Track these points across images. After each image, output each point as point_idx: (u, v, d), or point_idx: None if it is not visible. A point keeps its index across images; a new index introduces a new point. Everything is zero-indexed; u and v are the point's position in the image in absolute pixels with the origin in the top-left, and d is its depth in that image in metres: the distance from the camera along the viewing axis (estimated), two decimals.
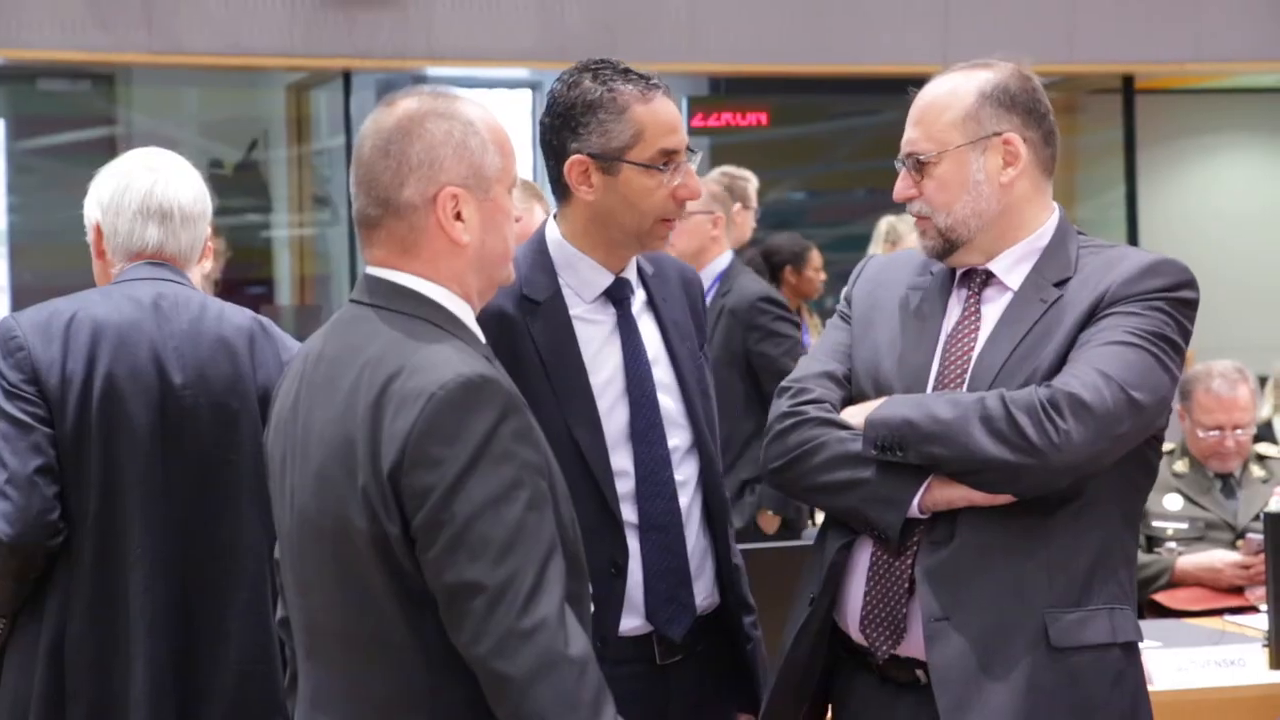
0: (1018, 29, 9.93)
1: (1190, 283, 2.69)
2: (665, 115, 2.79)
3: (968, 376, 2.67)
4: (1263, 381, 8.08)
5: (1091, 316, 2.64)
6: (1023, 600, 2.59)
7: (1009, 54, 2.77)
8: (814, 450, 2.68)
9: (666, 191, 2.79)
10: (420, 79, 11.01)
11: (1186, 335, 2.68)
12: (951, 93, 2.72)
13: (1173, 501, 5.11)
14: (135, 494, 3.01)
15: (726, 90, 10.70)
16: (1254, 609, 4.58)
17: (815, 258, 7.71)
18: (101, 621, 3.01)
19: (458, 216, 2.26)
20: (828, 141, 11.42)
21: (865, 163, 11.31)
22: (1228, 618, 4.49)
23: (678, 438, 2.87)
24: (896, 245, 7.81)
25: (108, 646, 3.01)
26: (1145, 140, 11.20)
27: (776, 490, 2.78)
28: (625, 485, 2.82)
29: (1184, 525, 5.05)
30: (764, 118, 10.48)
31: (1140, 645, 2.70)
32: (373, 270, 2.31)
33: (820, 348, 2.86)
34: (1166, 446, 5.32)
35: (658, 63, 10.50)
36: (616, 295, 2.88)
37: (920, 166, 2.72)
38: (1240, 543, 4.93)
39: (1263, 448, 5.36)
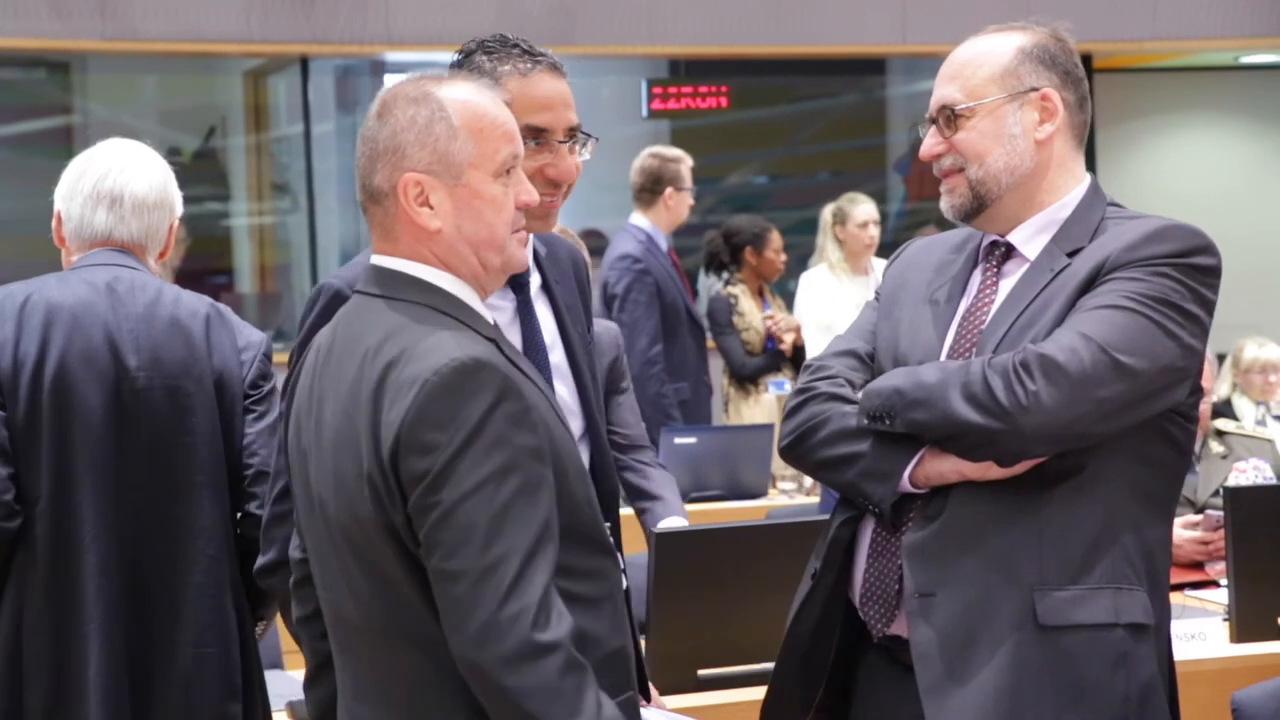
0: (976, 8, 9.90)
1: (1205, 248, 2.58)
2: (535, 92, 2.71)
3: (974, 351, 2.63)
4: (1221, 359, 8.14)
5: (1091, 283, 2.56)
6: (1010, 577, 2.52)
7: (1044, 19, 2.72)
8: (819, 425, 2.66)
9: (532, 169, 2.66)
10: (379, 65, 10.97)
11: (1204, 302, 2.56)
12: (989, 50, 2.67)
13: None
14: (88, 477, 3.01)
15: (686, 72, 10.68)
16: (1214, 584, 4.59)
17: (775, 239, 7.70)
18: (56, 605, 3.01)
19: (425, 203, 2.25)
20: (789, 124, 11.41)
21: (827, 145, 11.32)
22: (1188, 592, 4.50)
23: (572, 425, 2.81)
24: (845, 225, 7.84)
25: (63, 630, 3.01)
26: (1104, 119, 11.22)
27: (791, 465, 2.76)
28: None
29: None
30: (724, 100, 10.46)
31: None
32: (374, 259, 2.32)
33: (850, 328, 2.85)
34: None
35: (617, 45, 10.51)
36: (516, 281, 2.81)
37: (953, 120, 2.65)
38: (1200, 518, 4.94)
39: (1222, 423, 5.38)
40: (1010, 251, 2.71)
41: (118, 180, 3.18)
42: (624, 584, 2.28)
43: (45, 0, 9.22)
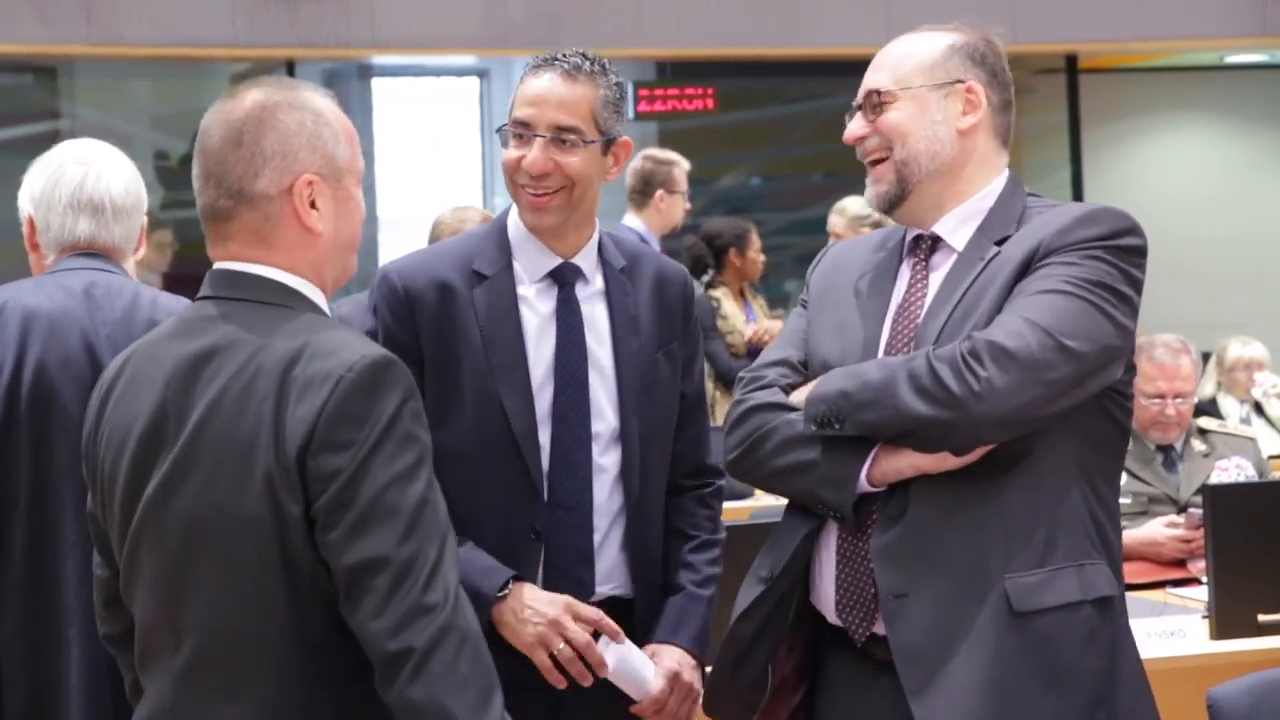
0: (960, 9, 9.93)
1: (1131, 229, 2.64)
2: (527, 89, 2.90)
3: (913, 344, 2.64)
4: (1206, 358, 8.16)
5: (1026, 269, 2.60)
6: (980, 568, 2.54)
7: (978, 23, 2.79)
8: (764, 436, 2.67)
9: (513, 160, 2.90)
10: (366, 69, 10.97)
11: (1134, 283, 2.62)
12: (921, 44, 2.74)
13: None
14: (67, 482, 2.99)
15: (672, 74, 10.69)
16: (1196, 581, 4.61)
17: (755, 239, 7.75)
18: (36, 611, 3.00)
19: (314, 205, 2.27)
20: (777, 125, 11.42)
21: (817, 146, 11.31)
22: (1170, 590, 4.52)
23: (602, 424, 2.92)
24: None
25: (43, 635, 3.00)
26: (1089, 120, 11.25)
27: (739, 480, 2.80)
28: (543, 461, 2.88)
29: (1127, 500, 5.08)
30: (710, 102, 10.47)
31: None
32: (226, 265, 2.30)
33: (780, 336, 2.87)
34: None
35: (602, 48, 10.49)
36: (562, 279, 2.94)
37: (878, 105, 2.71)
38: (1183, 516, 4.96)
39: (1205, 422, 5.40)
40: (936, 244, 2.74)
41: (96, 187, 3.17)
42: None
43: (30, 5, 9.23)
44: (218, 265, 2.32)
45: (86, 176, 3.17)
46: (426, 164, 10.78)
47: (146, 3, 9.35)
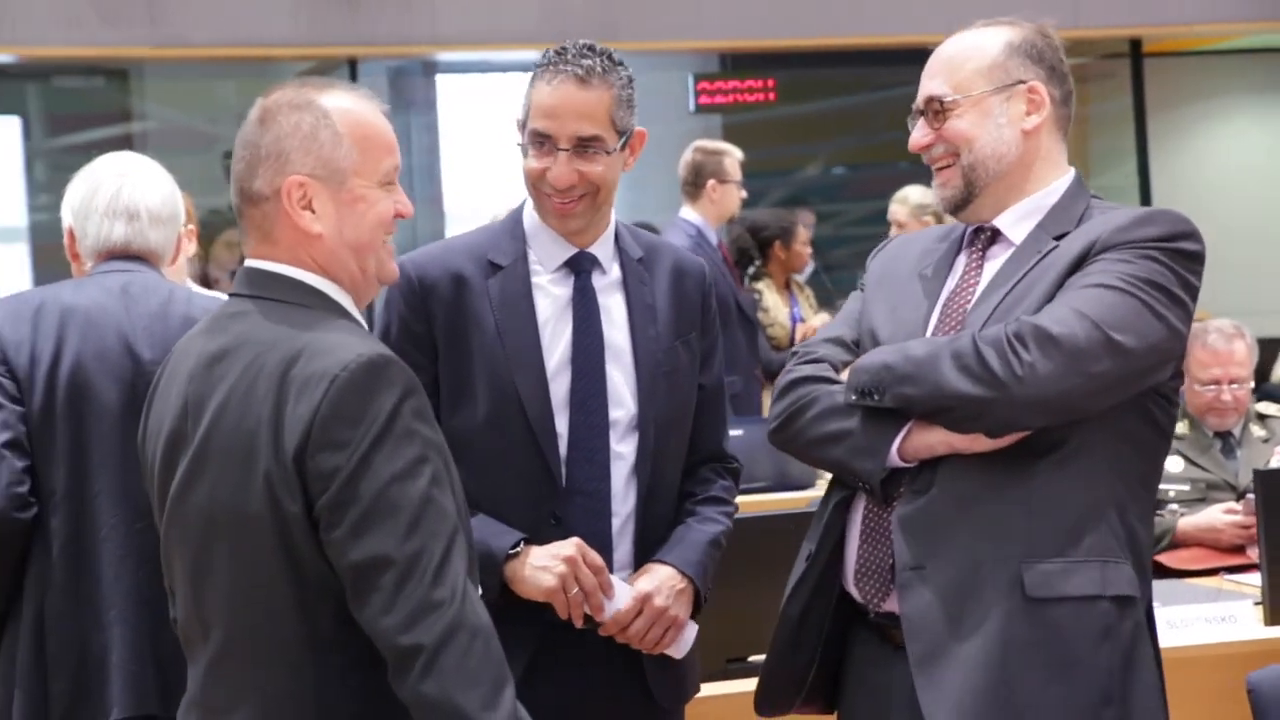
0: None
1: (1190, 234, 2.62)
2: (544, 99, 2.91)
3: (960, 329, 2.66)
4: (1268, 344, 8.07)
5: (1080, 264, 2.60)
6: (999, 549, 2.55)
7: (1029, 14, 2.77)
8: (806, 406, 2.70)
9: (536, 171, 2.91)
10: (430, 65, 11.05)
11: (1189, 288, 2.61)
12: (976, 45, 2.73)
13: (1173, 463, 5.10)
14: (105, 470, 3.08)
15: (733, 66, 10.69)
16: (1255, 567, 4.57)
17: (802, 232, 7.78)
18: (78, 595, 3.08)
19: (308, 207, 2.28)
20: (839, 116, 11.39)
21: (881, 136, 11.28)
22: (1225, 576, 4.49)
23: (620, 411, 2.93)
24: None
25: (86, 619, 3.08)
26: (1155, 104, 11.15)
27: (779, 449, 2.82)
28: (560, 448, 2.90)
29: (1185, 487, 5.05)
30: (771, 94, 10.45)
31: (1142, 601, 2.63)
32: (249, 262, 2.34)
33: (836, 317, 2.90)
34: None
35: (661, 40, 10.53)
36: (578, 267, 2.96)
37: (940, 112, 2.71)
38: (1241, 503, 4.92)
39: (1264, 407, 5.35)
40: (995, 236, 2.75)
41: (132, 195, 3.27)
42: None
43: (95, 9, 9.35)
44: (245, 263, 2.35)
45: (123, 187, 3.28)
46: (492, 159, 10.85)
47: (209, 4, 9.45)
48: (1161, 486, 5.01)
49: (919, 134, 2.75)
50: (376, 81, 10.82)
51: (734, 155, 7.13)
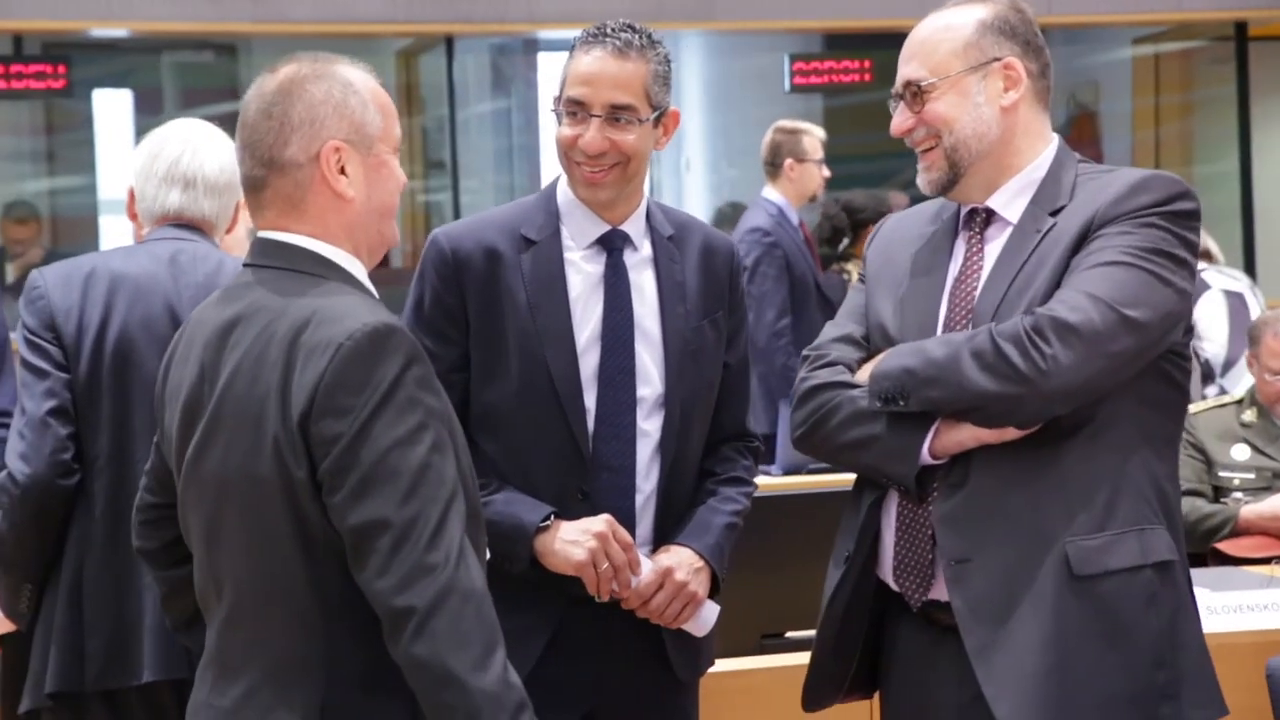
0: None
1: (1184, 194, 2.66)
2: (580, 67, 2.93)
3: (971, 318, 2.68)
4: None
5: (1083, 241, 2.63)
6: (1042, 533, 2.59)
7: None
8: (830, 413, 2.72)
9: (569, 138, 2.94)
10: (531, 43, 11.11)
11: (1190, 246, 2.64)
12: (947, 26, 2.75)
13: (1240, 452, 5.08)
14: (144, 436, 3.13)
15: (828, 47, 10.65)
16: None
17: None
18: (115, 559, 3.16)
19: (342, 171, 2.33)
20: None
21: None
22: (1277, 564, 4.46)
23: (648, 388, 2.96)
24: None
25: (123, 582, 3.17)
26: (1260, 89, 10.95)
27: (807, 455, 2.85)
28: (588, 423, 2.94)
29: (1250, 475, 5.03)
30: (868, 75, 10.40)
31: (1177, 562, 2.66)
32: (264, 233, 2.39)
33: (840, 312, 2.91)
34: (1235, 395, 5.33)
35: (757, 20, 10.53)
36: (610, 244, 2.99)
37: (918, 96, 2.73)
38: None
39: None
40: (990, 217, 2.76)
41: (190, 164, 3.33)
42: None
43: None
44: (258, 234, 2.41)
45: (184, 153, 3.34)
46: None
47: None
48: (1227, 475, 5.03)
49: (899, 119, 2.77)
50: (478, 59, 10.91)
51: (814, 134, 7.13)
